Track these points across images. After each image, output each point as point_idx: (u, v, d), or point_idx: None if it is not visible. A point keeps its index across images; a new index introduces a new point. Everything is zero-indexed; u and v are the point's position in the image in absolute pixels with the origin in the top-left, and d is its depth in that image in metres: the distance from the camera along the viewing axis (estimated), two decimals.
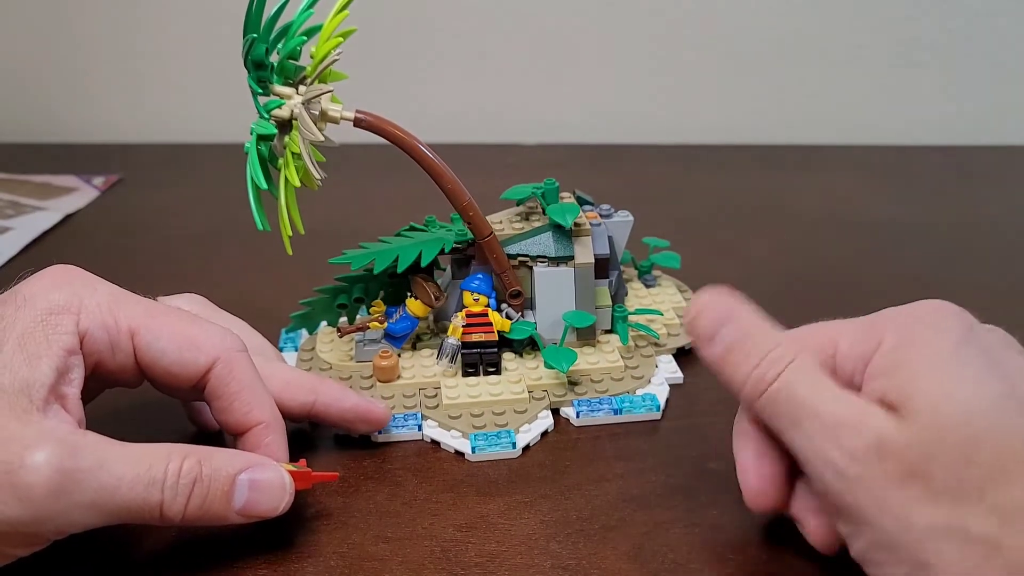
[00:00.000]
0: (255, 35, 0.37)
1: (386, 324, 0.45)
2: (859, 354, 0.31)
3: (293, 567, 0.34)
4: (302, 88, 0.39)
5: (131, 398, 0.38)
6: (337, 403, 0.39)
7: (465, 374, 0.45)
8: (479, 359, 0.44)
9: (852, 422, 0.29)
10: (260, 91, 0.38)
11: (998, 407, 0.27)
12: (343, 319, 0.48)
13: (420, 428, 0.42)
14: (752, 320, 0.34)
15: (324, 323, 0.49)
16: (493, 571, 0.34)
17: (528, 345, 0.47)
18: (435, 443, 0.41)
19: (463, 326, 0.44)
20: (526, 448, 0.41)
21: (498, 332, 0.44)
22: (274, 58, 0.38)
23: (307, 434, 0.42)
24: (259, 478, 0.33)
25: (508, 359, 0.46)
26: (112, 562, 0.35)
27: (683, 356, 0.49)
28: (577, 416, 0.43)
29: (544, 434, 0.42)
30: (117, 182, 0.78)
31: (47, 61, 0.89)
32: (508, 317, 0.46)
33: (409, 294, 0.46)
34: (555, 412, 0.44)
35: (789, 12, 0.84)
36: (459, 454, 0.41)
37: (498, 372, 0.45)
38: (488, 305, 0.45)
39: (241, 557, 0.34)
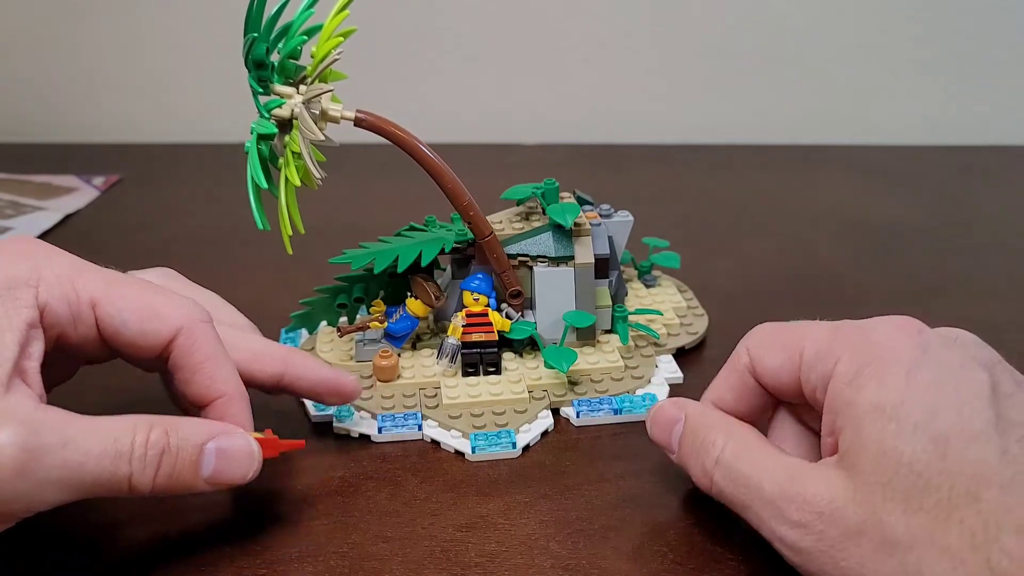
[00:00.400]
0: (256, 34, 0.37)
1: (386, 324, 0.45)
2: (820, 372, 0.31)
3: (293, 567, 0.34)
4: (303, 88, 0.39)
5: (110, 383, 0.38)
6: (308, 374, 0.39)
7: (465, 374, 0.45)
8: (479, 359, 0.44)
9: (793, 493, 0.29)
10: (261, 91, 0.38)
11: (941, 447, 0.27)
12: (343, 319, 0.48)
13: (420, 428, 0.42)
14: (697, 414, 0.35)
15: (324, 323, 0.49)
16: (493, 571, 0.34)
17: (528, 345, 0.47)
18: (435, 443, 0.41)
19: (463, 326, 0.44)
20: (526, 448, 0.41)
21: (498, 332, 0.44)
22: (274, 58, 0.38)
23: (306, 435, 0.42)
24: (226, 446, 0.33)
25: (508, 359, 0.46)
26: (110, 561, 0.35)
27: (683, 356, 0.49)
28: (577, 416, 0.43)
29: (544, 434, 0.42)
30: (117, 182, 0.78)
31: (47, 61, 0.89)
32: (508, 317, 0.45)
33: (409, 294, 0.46)
34: (555, 412, 0.44)
35: (789, 12, 0.84)
36: (459, 454, 0.41)
37: (498, 372, 0.45)
38: (488, 305, 0.45)
39: (241, 557, 0.34)
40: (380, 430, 0.42)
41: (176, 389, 0.36)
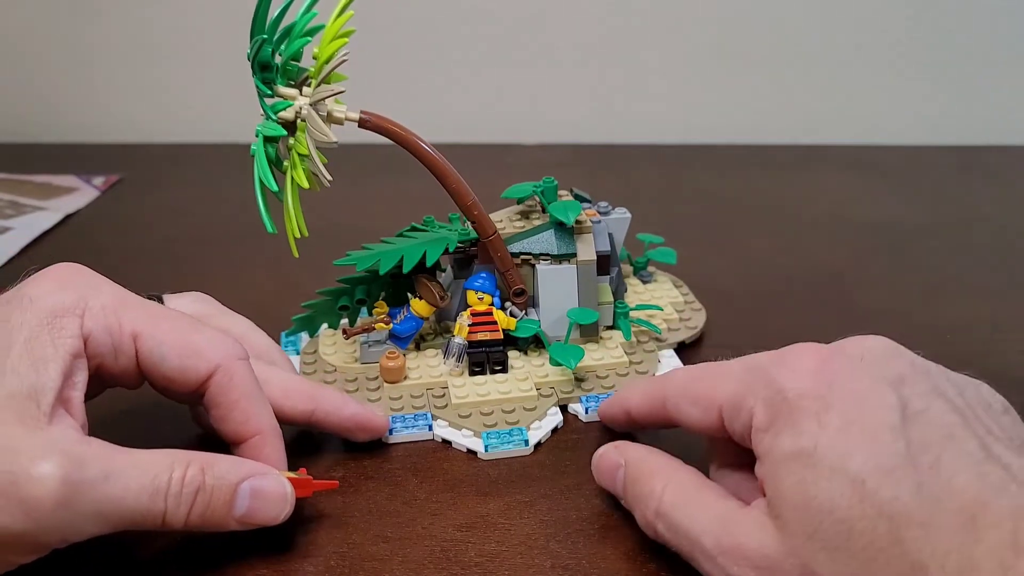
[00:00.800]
0: (264, 36, 0.37)
1: (391, 325, 0.45)
2: (741, 423, 0.31)
3: (294, 567, 0.34)
4: (305, 90, 0.39)
5: (134, 400, 0.38)
6: (337, 411, 0.39)
7: (472, 373, 0.45)
8: (485, 358, 0.44)
9: (729, 546, 0.29)
10: (268, 92, 0.38)
11: (858, 490, 0.27)
12: (344, 320, 0.48)
13: (431, 428, 0.42)
14: (636, 461, 0.34)
15: (325, 325, 0.48)
16: (493, 571, 0.34)
17: (532, 343, 0.47)
18: (446, 443, 0.41)
19: (469, 325, 0.44)
20: (538, 445, 0.41)
21: (503, 330, 0.44)
22: (277, 59, 0.38)
23: (309, 433, 0.42)
24: (261, 487, 0.33)
25: (514, 357, 0.46)
26: (113, 562, 0.35)
27: (683, 350, 0.49)
28: (586, 412, 0.43)
29: (553, 431, 0.42)
30: (117, 182, 0.78)
31: (48, 61, 0.89)
32: (512, 315, 0.46)
33: (412, 294, 0.46)
34: (562, 409, 0.44)
35: (789, 12, 0.84)
36: (471, 453, 0.41)
37: (504, 370, 0.45)
38: (492, 304, 0.45)
39: (242, 557, 0.34)
40: (391, 431, 0.41)
41: (211, 425, 0.36)
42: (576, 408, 0.44)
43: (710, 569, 0.30)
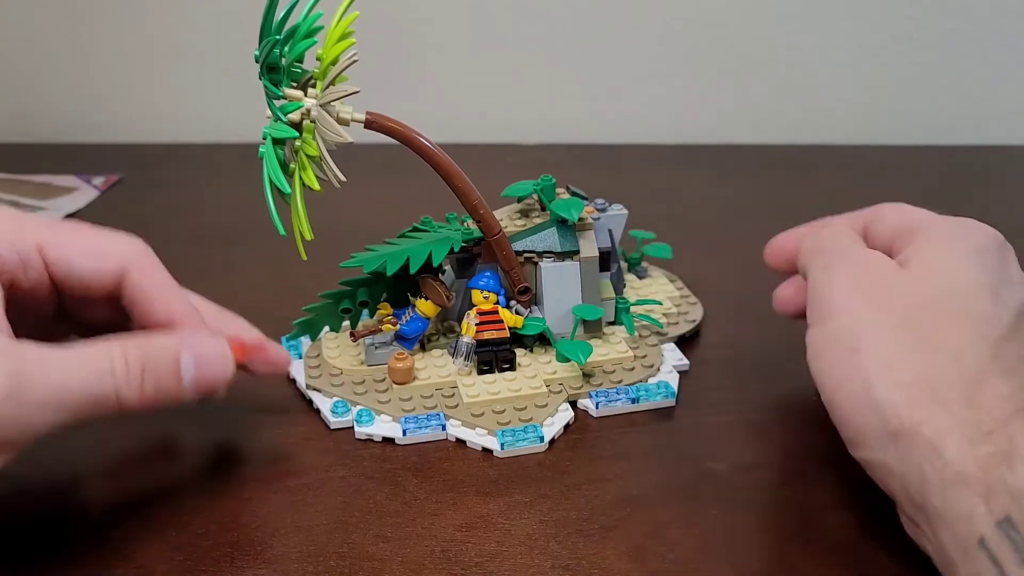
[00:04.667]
0: (277, 37, 0.37)
1: (398, 326, 0.45)
2: (921, 229, 0.38)
3: (293, 567, 0.34)
4: (311, 91, 0.39)
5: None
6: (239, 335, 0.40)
7: (480, 372, 0.45)
8: (493, 356, 0.44)
9: (855, 252, 0.38)
10: (279, 94, 0.38)
11: (971, 286, 0.34)
12: (345, 323, 0.48)
13: (444, 428, 0.42)
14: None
15: (327, 328, 0.48)
16: (493, 571, 0.34)
17: (537, 340, 0.47)
18: (461, 442, 0.41)
19: (476, 324, 0.44)
20: (552, 442, 0.41)
21: (509, 329, 0.44)
22: (283, 61, 0.38)
23: (305, 432, 0.42)
24: (200, 351, 0.34)
25: (520, 355, 0.46)
26: (109, 562, 0.35)
27: (683, 344, 0.49)
28: (596, 407, 0.43)
29: (566, 427, 0.42)
30: (117, 182, 0.78)
31: (48, 61, 0.89)
32: (517, 314, 0.46)
33: (417, 295, 0.46)
34: (572, 405, 0.44)
35: (788, 12, 0.84)
36: (487, 451, 0.41)
37: (513, 368, 0.45)
38: (498, 302, 0.45)
39: (241, 556, 0.35)
40: (404, 432, 0.41)
41: (135, 327, 0.37)
42: (586, 404, 0.44)
43: (827, 258, 0.38)
